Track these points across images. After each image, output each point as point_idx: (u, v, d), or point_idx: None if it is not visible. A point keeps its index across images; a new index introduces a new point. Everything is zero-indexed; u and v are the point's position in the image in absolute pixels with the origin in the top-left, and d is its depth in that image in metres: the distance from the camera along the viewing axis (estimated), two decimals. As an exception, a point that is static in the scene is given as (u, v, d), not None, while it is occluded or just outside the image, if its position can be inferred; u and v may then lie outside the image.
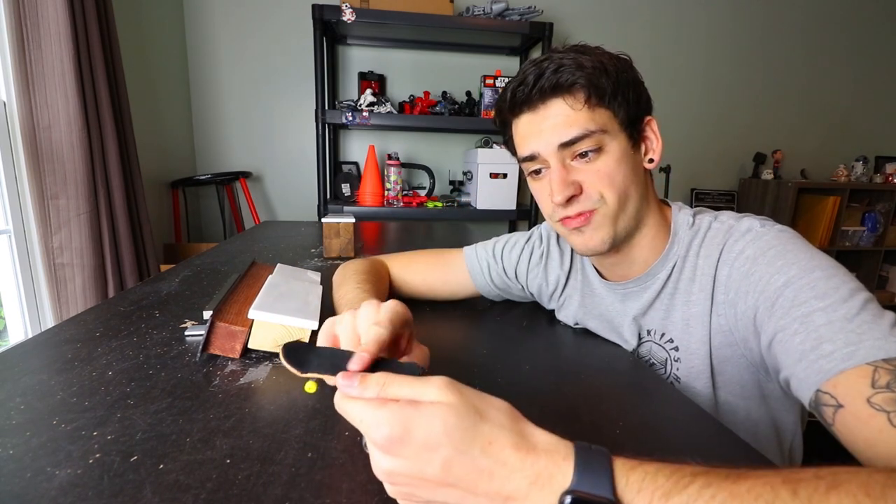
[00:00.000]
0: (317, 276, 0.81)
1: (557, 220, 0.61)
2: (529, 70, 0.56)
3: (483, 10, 2.19)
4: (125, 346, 0.60)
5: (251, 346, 0.58)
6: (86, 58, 1.40)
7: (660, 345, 0.64)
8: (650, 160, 0.60)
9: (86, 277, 1.43)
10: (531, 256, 0.77)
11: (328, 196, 2.24)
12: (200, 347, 0.56)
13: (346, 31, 2.23)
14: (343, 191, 2.32)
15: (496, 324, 0.77)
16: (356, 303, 0.50)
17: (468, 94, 2.37)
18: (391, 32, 2.21)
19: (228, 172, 2.25)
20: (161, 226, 2.05)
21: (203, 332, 0.57)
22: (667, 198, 0.75)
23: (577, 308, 0.73)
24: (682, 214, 0.62)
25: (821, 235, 2.55)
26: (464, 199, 2.40)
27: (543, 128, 0.56)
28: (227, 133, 2.37)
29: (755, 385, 0.57)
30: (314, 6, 1.96)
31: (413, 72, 2.44)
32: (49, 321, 1.44)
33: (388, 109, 2.18)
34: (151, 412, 0.46)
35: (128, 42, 1.71)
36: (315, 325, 0.58)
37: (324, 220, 1.12)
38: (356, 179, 2.34)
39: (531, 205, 2.33)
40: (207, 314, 0.59)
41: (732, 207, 2.81)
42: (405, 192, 2.36)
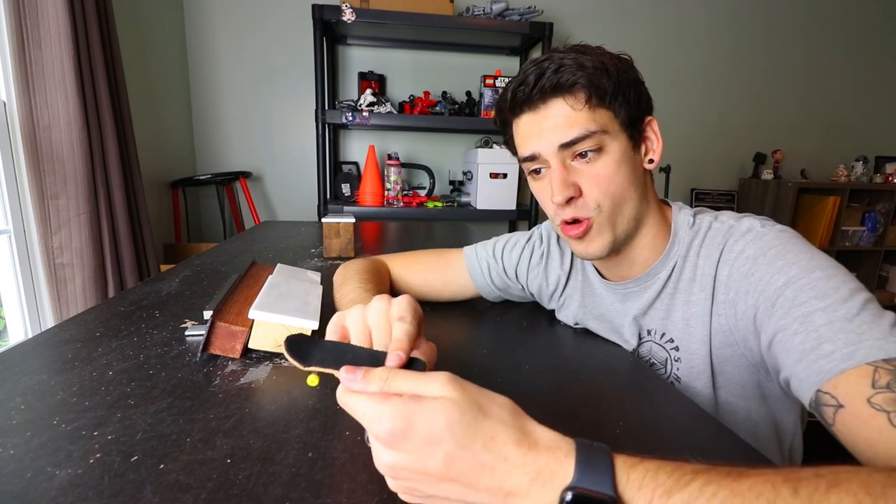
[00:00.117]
0: (317, 276, 0.81)
1: (558, 224, 0.61)
2: (530, 70, 0.56)
3: (483, 10, 2.19)
4: (125, 346, 0.61)
5: (251, 346, 0.58)
6: (86, 58, 1.40)
7: (660, 345, 0.64)
8: (650, 160, 0.60)
9: (86, 277, 1.43)
10: (531, 256, 0.77)
11: (328, 196, 2.24)
12: (201, 347, 0.56)
13: (346, 31, 2.23)
14: (343, 191, 2.32)
15: (496, 324, 0.77)
16: (359, 302, 0.50)
17: (468, 94, 2.37)
18: (391, 32, 2.21)
19: (228, 172, 2.25)
20: (161, 226, 2.05)
21: (203, 332, 0.57)
22: (667, 198, 0.75)
23: (578, 308, 0.73)
24: (683, 214, 0.62)
25: (821, 235, 2.55)
26: (464, 199, 2.40)
27: (544, 128, 0.56)
28: (227, 133, 2.37)
29: (755, 385, 0.57)
30: (314, 6, 1.96)
31: (413, 72, 2.44)
32: (49, 321, 1.44)
33: (388, 109, 2.18)
34: (152, 412, 0.46)
35: (128, 42, 1.71)
36: (315, 325, 0.58)
37: (324, 220, 1.12)
38: (356, 179, 2.34)
39: (531, 205, 2.33)
40: (208, 314, 0.59)
41: (732, 207, 2.81)
42: (405, 192, 2.36)
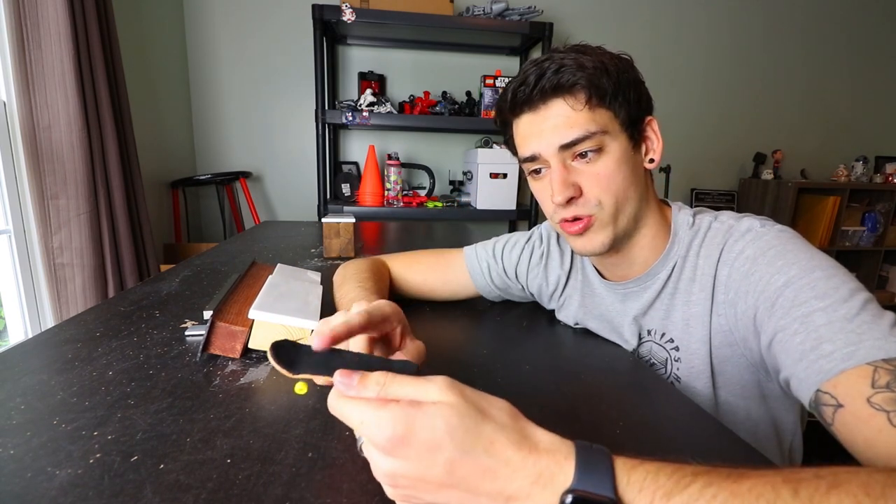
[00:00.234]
0: (317, 276, 0.81)
1: (557, 222, 0.61)
2: (530, 70, 0.56)
3: (483, 10, 2.19)
4: (125, 346, 0.61)
5: (251, 347, 0.58)
6: (86, 58, 1.40)
7: (660, 345, 0.64)
8: (650, 160, 0.60)
9: (86, 277, 1.43)
10: (531, 256, 0.77)
11: (328, 196, 2.24)
12: (201, 347, 0.56)
13: (346, 31, 2.23)
14: (343, 191, 2.32)
15: (496, 324, 0.77)
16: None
17: (468, 94, 2.37)
18: (391, 32, 2.21)
19: (228, 172, 2.25)
20: (161, 226, 2.05)
21: (203, 332, 0.57)
22: (667, 198, 0.75)
23: (578, 308, 0.73)
24: (682, 214, 0.62)
25: (821, 235, 2.55)
26: (464, 199, 2.39)
27: (544, 128, 0.56)
28: (227, 133, 2.37)
29: (755, 385, 0.57)
30: (314, 6, 1.96)
31: (413, 72, 2.44)
32: (49, 321, 1.44)
33: (388, 109, 2.18)
34: (152, 412, 0.46)
35: (128, 42, 1.71)
36: (315, 325, 0.58)
37: (324, 220, 1.12)
38: (356, 179, 2.34)
39: (531, 205, 2.33)
40: (208, 314, 0.59)
41: (732, 207, 2.81)
42: (405, 192, 2.35)
